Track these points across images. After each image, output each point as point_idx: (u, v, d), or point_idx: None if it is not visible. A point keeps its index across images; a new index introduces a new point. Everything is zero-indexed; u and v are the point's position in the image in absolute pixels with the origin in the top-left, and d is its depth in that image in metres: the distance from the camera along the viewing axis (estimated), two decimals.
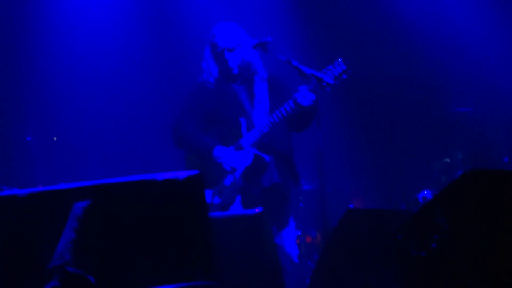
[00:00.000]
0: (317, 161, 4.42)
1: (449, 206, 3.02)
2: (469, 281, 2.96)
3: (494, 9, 8.65)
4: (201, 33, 5.66)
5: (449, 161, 7.78)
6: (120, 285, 2.51)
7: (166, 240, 2.50)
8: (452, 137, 8.59)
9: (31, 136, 7.50)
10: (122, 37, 8.56)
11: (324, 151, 4.42)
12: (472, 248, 2.94)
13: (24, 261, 2.61)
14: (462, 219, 2.99)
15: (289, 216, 5.20)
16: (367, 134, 9.27)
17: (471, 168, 2.97)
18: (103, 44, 8.45)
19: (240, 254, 3.37)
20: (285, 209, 5.18)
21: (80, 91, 8.31)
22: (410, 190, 7.66)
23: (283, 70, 5.24)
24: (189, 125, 5.20)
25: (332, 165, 7.12)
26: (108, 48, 8.46)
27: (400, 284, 3.31)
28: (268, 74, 5.25)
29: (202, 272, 2.49)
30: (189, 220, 2.50)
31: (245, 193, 5.03)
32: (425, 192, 7.20)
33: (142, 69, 8.61)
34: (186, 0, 8.73)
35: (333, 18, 9.16)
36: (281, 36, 5.38)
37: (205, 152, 5.07)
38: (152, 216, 2.51)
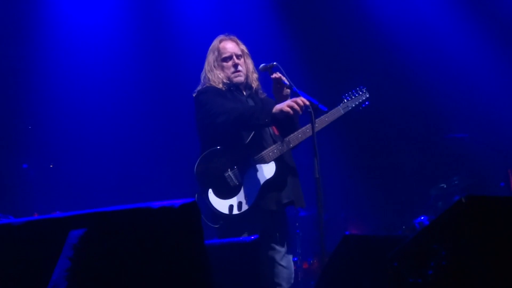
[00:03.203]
0: (314, 187, 4.39)
1: (445, 232, 3.02)
2: None
3: (489, 39, 8.73)
4: (201, 50, 5.54)
5: (445, 186, 7.78)
6: None
7: (162, 268, 2.49)
8: (448, 163, 8.62)
9: (27, 164, 7.47)
10: (120, 71, 8.61)
11: (321, 178, 4.40)
12: (468, 275, 2.93)
13: None
14: (458, 245, 2.98)
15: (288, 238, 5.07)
16: (364, 160, 9.29)
17: (467, 194, 2.96)
18: (99, 74, 8.49)
19: (236, 280, 3.36)
20: (288, 229, 5.07)
21: (77, 119, 8.33)
22: (407, 216, 7.66)
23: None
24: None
25: (328, 192, 7.14)
26: (103, 77, 8.50)
27: None
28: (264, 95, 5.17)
29: None
30: (185, 248, 2.49)
31: (261, 209, 4.81)
32: (422, 218, 7.19)
33: (138, 97, 8.63)
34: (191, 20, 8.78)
35: (331, 49, 9.23)
36: (281, 57, 5.35)
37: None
38: (147, 244, 2.50)
